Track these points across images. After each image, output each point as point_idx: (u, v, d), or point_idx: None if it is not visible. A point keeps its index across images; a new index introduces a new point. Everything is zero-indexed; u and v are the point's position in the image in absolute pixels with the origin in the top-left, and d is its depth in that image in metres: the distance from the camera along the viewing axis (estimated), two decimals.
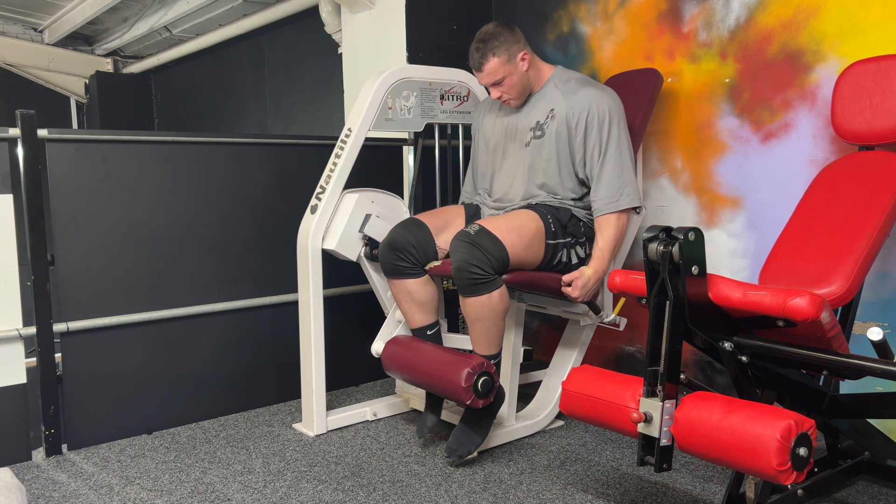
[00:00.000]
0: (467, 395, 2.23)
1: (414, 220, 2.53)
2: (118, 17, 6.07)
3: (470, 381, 2.23)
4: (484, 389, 2.26)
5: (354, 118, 2.67)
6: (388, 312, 2.73)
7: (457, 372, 2.24)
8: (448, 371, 2.28)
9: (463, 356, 2.32)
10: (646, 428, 1.73)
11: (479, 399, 2.26)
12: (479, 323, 2.30)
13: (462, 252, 2.23)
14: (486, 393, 2.27)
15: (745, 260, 2.71)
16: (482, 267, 2.21)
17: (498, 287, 2.26)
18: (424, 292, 2.51)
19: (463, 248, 2.23)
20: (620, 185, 2.39)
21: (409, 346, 2.51)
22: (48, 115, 7.12)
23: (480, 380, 2.25)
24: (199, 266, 2.82)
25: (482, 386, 2.25)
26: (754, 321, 1.80)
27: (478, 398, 2.25)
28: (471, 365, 2.24)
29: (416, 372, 2.41)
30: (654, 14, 2.92)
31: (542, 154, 2.48)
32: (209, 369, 2.86)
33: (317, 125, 4.98)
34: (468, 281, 2.23)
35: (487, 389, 2.27)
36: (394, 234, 2.48)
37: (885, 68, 2.12)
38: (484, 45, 2.41)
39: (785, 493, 1.88)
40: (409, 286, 2.49)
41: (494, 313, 2.29)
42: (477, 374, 2.24)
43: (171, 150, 2.74)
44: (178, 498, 2.19)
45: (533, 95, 2.55)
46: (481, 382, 2.25)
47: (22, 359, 2.46)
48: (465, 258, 2.22)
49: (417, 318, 2.54)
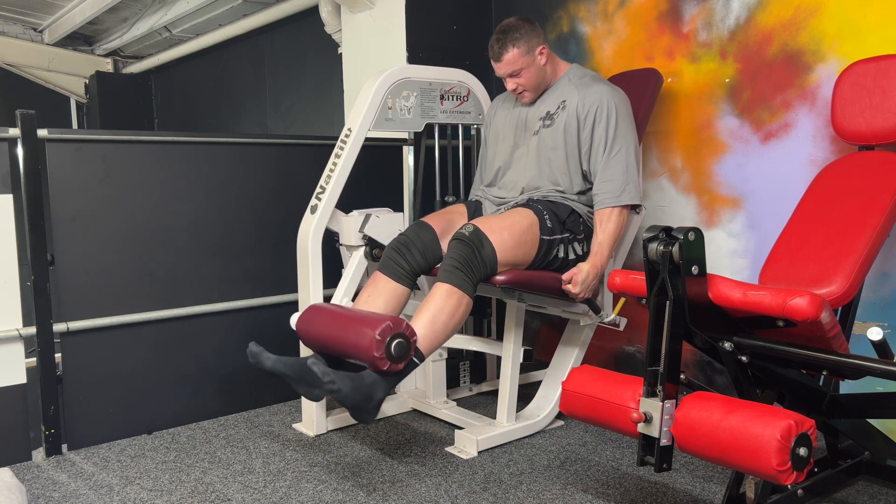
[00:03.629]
0: (378, 348, 2.00)
1: (422, 223, 2.52)
2: (118, 17, 6.08)
3: (386, 335, 2.01)
4: (397, 352, 2.03)
5: (354, 118, 2.67)
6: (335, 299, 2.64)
7: (372, 326, 2.03)
8: (362, 325, 2.06)
9: (382, 316, 2.12)
10: (646, 428, 1.73)
11: (389, 360, 2.02)
12: (434, 310, 2.19)
13: (455, 249, 2.27)
14: (398, 357, 2.04)
15: (745, 260, 2.71)
16: (471, 266, 2.23)
17: (471, 294, 2.24)
18: (393, 299, 2.38)
19: (457, 245, 2.27)
20: (624, 182, 2.40)
21: (328, 309, 2.28)
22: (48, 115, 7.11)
23: (395, 340, 2.02)
24: (199, 266, 2.82)
25: (396, 348, 2.03)
26: (754, 321, 1.80)
27: (387, 357, 2.02)
28: (392, 320, 2.04)
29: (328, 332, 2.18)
30: (654, 14, 2.92)
31: (549, 143, 2.50)
32: (209, 369, 2.86)
33: (317, 125, 4.98)
34: (453, 269, 2.23)
35: (401, 353, 2.04)
36: (406, 234, 2.47)
37: (885, 68, 2.12)
38: (504, 35, 2.46)
39: (785, 493, 1.87)
40: (388, 285, 2.38)
41: (453, 312, 2.20)
42: (394, 332, 2.03)
43: (171, 150, 2.74)
44: (178, 498, 2.19)
45: (547, 90, 2.59)
46: (395, 343, 2.03)
47: (22, 359, 2.46)
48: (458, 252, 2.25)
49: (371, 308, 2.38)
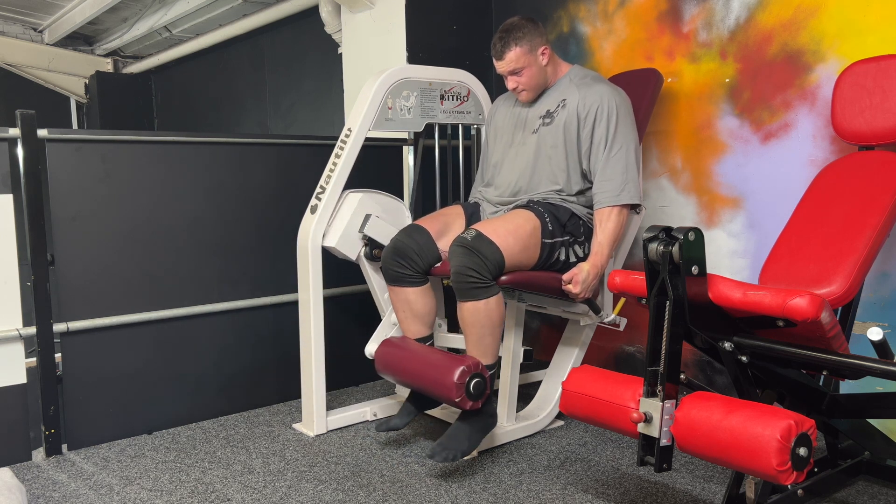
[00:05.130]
0: (458, 393, 2.21)
1: (415, 225, 2.53)
2: (118, 17, 6.08)
3: (463, 379, 2.21)
4: (476, 391, 2.24)
5: (354, 118, 2.67)
6: (384, 314, 2.73)
7: (450, 370, 2.23)
8: (441, 369, 2.26)
9: (457, 357, 2.30)
10: (646, 428, 1.73)
11: (469, 400, 2.23)
12: (474, 329, 2.30)
13: (459, 257, 2.25)
14: (477, 395, 2.25)
15: (745, 260, 2.71)
16: (479, 272, 2.23)
17: (494, 294, 2.27)
18: (422, 303, 2.50)
19: (460, 253, 2.25)
20: (623, 181, 2.40)
21: (403, 346, 2.49)
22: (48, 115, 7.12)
23: (473, 381, 2.23)
24: (199, 266, 2.82)
25: (474, 387, 2.23)
26: (754, 321, 1.80)
27: (468, 398, 2.23)
28: (465, 363, 2.23)
29: (409, 371, 2.39)
30: (654, 14, 2.92)
31: (548, 141, 2.50)
32: (209, 369, 2.86)
33: (317, 125, 4.98)
34: (465, 285, 2.25)
35: (479, 391, 2.25)
36: (396, 240, 2.49)
37: (885, 68, 2.12)
38: (507, 34, 2.47)
39: (785, 493, 1.87)
40: (408, 295, 2.48)
41: (490, 320, 2.28)
42: (470, 374, 2.23)
43: (171, 150, 2.74)
44: (178, 498, 2.19)
45: (547, 90, 2.59)
46: (474, 384, 2.23)
47: (22, 359, 2.46)
48: (463, 262, 2.24)
49: (412, 328, 2.53)
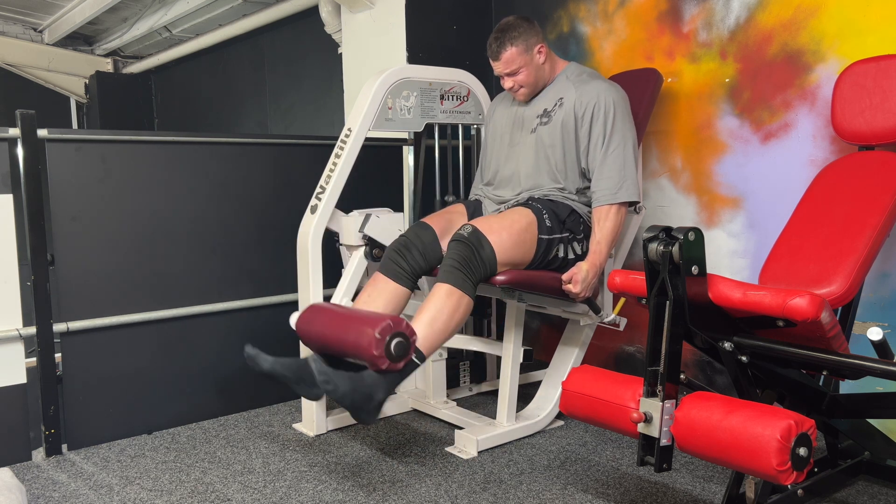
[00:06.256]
0: (377, 346, 1.98)
1: (423, 223, 2.52)
2: (118, 17, 6.08)
3: (386, 333, 1.99)
4: (396, 351, 2.02)
5: (354, 118, 2.67)
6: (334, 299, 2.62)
7: (374, 322, 2.01)
8: (364, 321, 2.05)
9: (382, 315, 2.10)
10: (646, 428, 1.73)
11: (388, 360, 2.01)
12: (434, 310, 2.19)
13: (454, 250, 2.27)
14: (397, 356, 2.02)
15: (745, 260, 2.71)
16: (470, 267, 2.24)
17: (471, 294, 2.24)
18: (396, 302, 2.39)
19: (456, 247, 2.27)
20: (621, 179, 2.39)
21: (330, 308, 2.26)
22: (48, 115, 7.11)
23: (395, 339, 2.01)
24: (199, 266, 2.82)
25: (395, 347, 2.01)
26: (754, 321, 1.80)
27: (387, 356, 2.00)
28: (389, 319, 2.02)
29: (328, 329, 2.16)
30: (654, 14, 2.92)
31: (547, 140, 2.50)
32: (209, 369, 2.86)
33: (317, 125, 4.98)
34: (453, 270, 2.23)
35: (400, 353, 2.03)
36: (405, 236, 2.47)
37: (885, 68, 2.12)
38: (503, 34, 2.46)
39: (785, 493, 1.87)
40: (388, 286, 2.39)
41: (454, 312, 2.21)
42: (394, 332, 2.02)
43: (171, 150, 2.74)
44: (178, 498, 2.19)
45: (545, 88, 2.59)
46: (395, 343, 2.01)
47: (22, 359, 2.46)
48: (458, 253, 2.25)
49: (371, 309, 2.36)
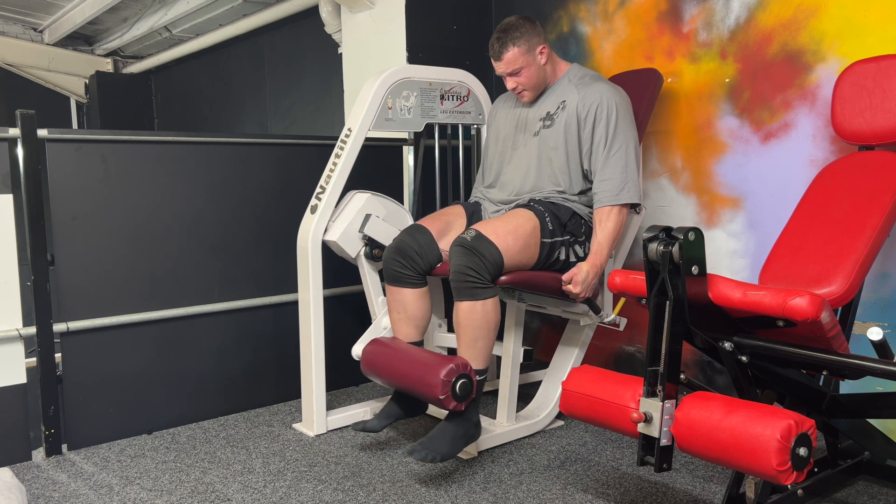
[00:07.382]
0: (443, 391, 2.13)
1: (417, 225, 2.53)
2: (118, 17, 6.08)
3: (450, 377, 2.14)
4: (462, 392, 2.17)
5: (354, 118, 2.67)
6: (375, 318, 2.70)
7: (437, 366, 2.16)
8: (428, 366, 2.19)
9: (446, 356, 2.26)
10: (646, 428, 1.73)
11: (454, 400, 2.16)
12: (469, 331, 2.28)
13: (459, 257, 2.26)
14: (463, 396, 2.18)
15: (745, 260, 2.71)
16: (478, 272, 2.23)
17: (491, 296, 2.27)
18: (418, 307, 2.48)
19: (460, 253, 2.26)
20: (623, 180, 2.39)
21: (391, 345, 2.43)
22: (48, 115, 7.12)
23: (460, 381, 2.17)
24: (199, 266, 2.82)
25: (461, 388, 2.17)
26: (754, 321, 1.80)
27: (452, 398, 2.16)
28: (454, 362, 2.18)
29: (394, 369, 2.31)
30: (654, 14, 2.92)
31: (549, 143, 2.50)
32: (209, 369, 2.86)
33: (317, 125, 4.98)
34: (463, 284, 2.25)
35: (465, 393, 2.18)
36: (399, 240, 2.49)
37: (885, 68, 2.12)
38: (505, 34, 2.46)
39: (785, 493, 1.88)
40: (405, 296, 2.47)
41: (485, 322, 2.27)
42: (458, 374, 2.17)
43: (171, 150, 2.74)
44: (178, 498, 2.19)
45: (547, 90, 2.59)
46: (460, 384, 2.17)
47: (22, 359, 2.46)
48: (463, 262, 2.24)
49: (404, 331, 2.50)
